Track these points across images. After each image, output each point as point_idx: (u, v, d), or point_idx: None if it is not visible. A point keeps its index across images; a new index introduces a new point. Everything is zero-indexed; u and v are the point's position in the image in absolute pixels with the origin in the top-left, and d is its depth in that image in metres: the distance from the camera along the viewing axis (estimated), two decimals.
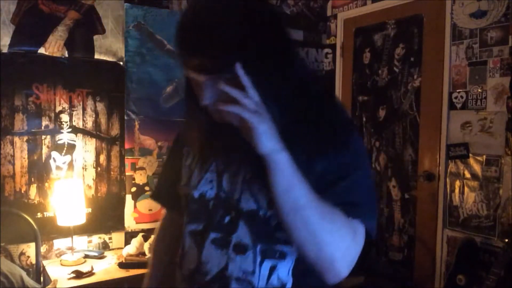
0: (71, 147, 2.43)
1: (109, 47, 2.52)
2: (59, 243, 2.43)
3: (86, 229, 2.45)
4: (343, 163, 0.82)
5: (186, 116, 1.01)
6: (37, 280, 2.21)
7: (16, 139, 2.28)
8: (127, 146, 2.61)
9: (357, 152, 0.85)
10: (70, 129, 2.42)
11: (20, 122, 2.28)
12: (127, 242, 2.57)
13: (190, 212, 0.94)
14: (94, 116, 2.49)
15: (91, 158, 2.49)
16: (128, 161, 2.62)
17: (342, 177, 0.81)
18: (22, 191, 2.30)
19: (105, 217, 2.54)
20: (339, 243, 0.76)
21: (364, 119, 3.04)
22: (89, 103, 2.47)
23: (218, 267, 0.87)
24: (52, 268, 2.25)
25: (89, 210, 2.47)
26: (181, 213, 0.99)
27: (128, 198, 2.63)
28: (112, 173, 2.56)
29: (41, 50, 2.33)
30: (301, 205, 0.74)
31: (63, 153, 2.41)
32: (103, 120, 2.52)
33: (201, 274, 0.89)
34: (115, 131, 2.56)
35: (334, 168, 0.81)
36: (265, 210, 0.84)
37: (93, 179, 2.51)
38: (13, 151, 2.27)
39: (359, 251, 0.79)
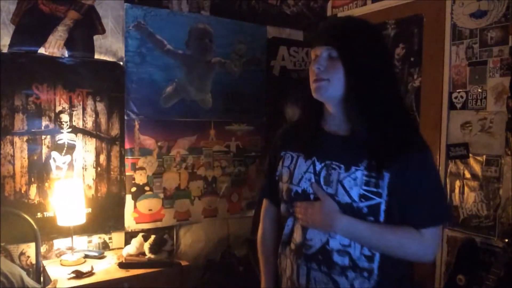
0: (71, 147, 2.43)
1: (109, 47, 2.52)
2: (59, 243, 2.43)
3: (86, 229, 2.45)
4: (420, 168, 1.13)
5: (298, 126, 1.31)
6: (37, 280, 2.21)
7: (16, 139, 2.28)
8: (127, 146, 2.61)
9: (423, 168, 1.14)
10: (70, 129, 2.42)
11: (20, 122, 2.28)
12: (127, 242, 2.57)
13: (293, 203, 1.23)
14: (94, 116, 2.49)
15: (91, 158, 2.49)
16: (128, 161, 2.62)
17: (417, 184, 1.12)
18: (22, 191, 2.30)
19: (105, 217, 2.54)
20: (407, 250, 1.14)
21: None
22: (89, 103, 2.47)
23: (321, 242, 1.16)
24: (52, 268, 2.25)
25: (89, 210, 2.47)
26: (279, 206, 1.33)
27: (128, 198, 2.63)
28: (112, 173, 2.56)
29: (41, 50, 2.33)
30: (371, 243, 1.14)
31: (63, 153, 2.41)
32: (103, 120, 2.52)
33: (306, 248, 1.18)
34: (115, 131, 2.56)
35: (414, 172, 1.12)
36: (357, 203, 1.12)
37: (93, 179, 2.51)
38: (13, 151, 2.27)
39: (431, 243, 1.15)
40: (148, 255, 2.39)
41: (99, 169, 2.52)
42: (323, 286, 1.15)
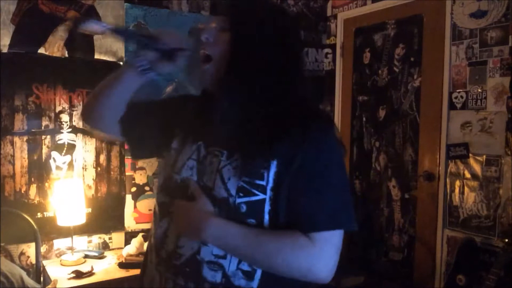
0: (71, 147, 2.43)
1: (109, 47, 2.52)
2: (59, 243, 2.43)
3: (86, 229, 2.45)
4: (315, 155, 0.88)
5: (185, 100, 1.10)
6: (37, 280, 2.21)
7: (16, 139, 2.27)
8: (127, 146, 2.60)
9: (322, 153, 0.89)
10: (70, 129, 2.42)
11: (20, 122, 2.28)
12: (127, 242, 2.57)
13: (171, 195, 0.98)
14: None
15: (91, 158, 2.49)
16: (128, 161, 2.61)
17: (310, 175, 0.87)
18: (22, 191, 2.30)
19: (105, 217, 2.54)
20: (290, 261, 0.84)
21: (364, 119, 3.04)
22: None
23: (192, 251, 0.91)
24: (52, 268, 2.25)
25: (89, 210, 2.47)
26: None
27: (128, 198, 2.63)
28: (112, 173, 2.56)
29: (41, 50, 2.33)
30: (245, 254, 0.88)
31: (63, 153, 2.41)
32: None
33: (175, 258, 0.93)
34: None
35: (305, 159, 0.87)
36: (234, 198, 0.88)
37: (93, 179, 2.51)
38: (13, 151, 2.27)
39: (323, 253, 0.85)
40: None
41: (99, 169, 2.52)
42: None
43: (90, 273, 2.17)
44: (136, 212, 2.66)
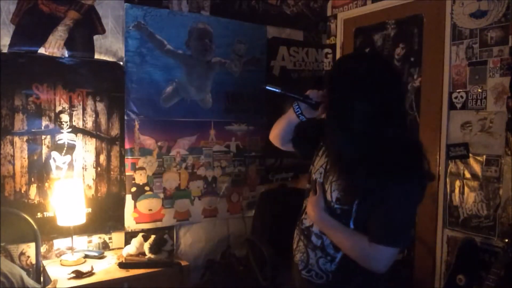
0: (71, 147, 2.43)
1: (109, 47, 2.52)
2: (59, 243, 2.43)
3: (86, 229, 2.45)
4: (389, 197, 1.26)
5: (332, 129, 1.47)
6: (37, 280, 2.21)
7: (16, 139, 2.28)
8: (127, 146, 2.61)
9: (400, 196, 1.27)
10: (70, 129, 2.42)
11: (20, 122, 2.28)
12: (127, 242, 2.57)
13: (310, 185, 1.52)
14: (94, 116, 2.49)
15: (91, 158, 2.49)
16: (128, 161, 2.61)
17: (382, 208, 1.27)
18: (22, 191, 2.30)
19: (105, 217, 2.54)
20: (353, 253, 1.34)
21: None
22: (89, 103, 2.47)
23: (309, 223, 1.47)
24: (52, 268, 2.25)
25: (89, 210, 2.47)
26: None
27: (128, 198, 2.63)
28: (112, 173, 2.56)
29: (41, 50, 2.33)
30: (330, 238, 1.40)
31: (63, 153, 2.41)
32: (103, 120, 2.52)
33: (302, 223, 1.51)
34: (115, 131, 2.56)
35: (382, 199, 1.27)
36: (333, 203, 1.38)
37: (93, 179, 2.51)
38: (13, 151, 2.27)
39: (377, 258, 1.30)
40: (148, 255, 2.39)
41: (99, 169, 2.52)
42: (301, 253, 1.48)
43: (90, 273, 2.17)
44: (136, 212, 2.66)
